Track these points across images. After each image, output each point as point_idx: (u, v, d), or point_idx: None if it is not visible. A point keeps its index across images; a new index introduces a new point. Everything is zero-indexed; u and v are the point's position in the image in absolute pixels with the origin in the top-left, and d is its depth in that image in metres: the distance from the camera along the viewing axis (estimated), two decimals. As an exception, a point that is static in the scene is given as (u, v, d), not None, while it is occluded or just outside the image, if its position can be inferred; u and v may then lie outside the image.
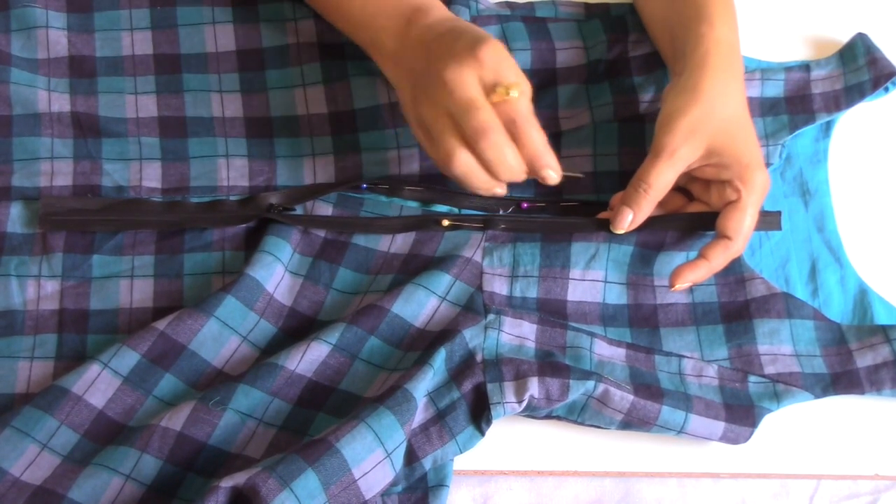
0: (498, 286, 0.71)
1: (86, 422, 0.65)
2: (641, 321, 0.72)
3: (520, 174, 0.66)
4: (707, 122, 0.68)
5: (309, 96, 0.78)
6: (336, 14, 0.75)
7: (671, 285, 0.69)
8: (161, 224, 0.72)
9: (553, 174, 0.66)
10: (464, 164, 0.65)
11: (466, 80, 0.63)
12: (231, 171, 0.76)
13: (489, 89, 0.64)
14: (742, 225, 0.69)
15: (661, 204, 0.71)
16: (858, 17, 0.86)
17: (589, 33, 0.83)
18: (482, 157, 0.64)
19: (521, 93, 0.64)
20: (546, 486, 0.71)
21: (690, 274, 0.69)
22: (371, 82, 0.78)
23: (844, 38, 0.83)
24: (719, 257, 0.69)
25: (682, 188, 0.74)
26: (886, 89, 0.82)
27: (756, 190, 0.69)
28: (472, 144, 0.64)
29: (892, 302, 0.75)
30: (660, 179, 0.68)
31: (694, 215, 0.73)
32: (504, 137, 0.64)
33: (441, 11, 0.70)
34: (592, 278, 0.71)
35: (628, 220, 0.70)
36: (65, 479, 0.62)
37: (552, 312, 0.71)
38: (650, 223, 0.72)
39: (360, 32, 0.72)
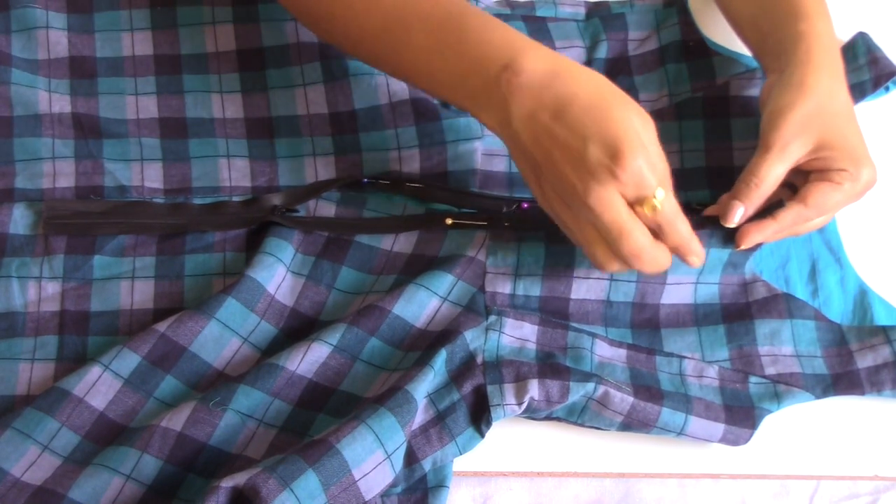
0: (500, 285, 0.71)
1: (87, 424, 0.65)
2: (643, 321, 0.72)
3: (666, 267, 0.64)
4: (817, 117, 0.67)
5: (309, 96, 0.78)
6: (420, 81, 0.68)
7: (737, 245, 0.68)
8: (165, 227, 0.73)
9: (697, 260, 0.64)
10: (616, 269, 0.63)
11: (614, 203, 0.59)
12: (233, 172, 0.76)
13: (634, 202, 0.60)
14: (825, 198, 0.67)
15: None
16: (859, 16, 0.86)
17: (589, 33, 0.83)
18: (636, 268, 0.62)
19: (666, 195, 0.60)
20: (546, 485, 0.71)
21: (757, 234, 0.68)
22: (371, 82, 0.78)
23: (845, 37, 0.83)
24: (787, 219, 0.68)
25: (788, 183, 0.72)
26: (887, 88, 0.82)
27: (860, 182, 0.68)
28: (623, 261, 0.62)
29: (892, 302, 0.75)
30: (770, 173, 0.67)
31: (698, 217, 0.72)
32: (657, 251, 0.62)
33: (529, 64, 0.61)
34: (598, 276, 0.71)
35: (739, 213, 0.68)
36: (65, 479, 0.62)
37: (554, 312, 0.71)
38: None
39: (456, 95, 0.65)
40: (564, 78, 0.61)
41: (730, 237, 0.69)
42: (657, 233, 0.62)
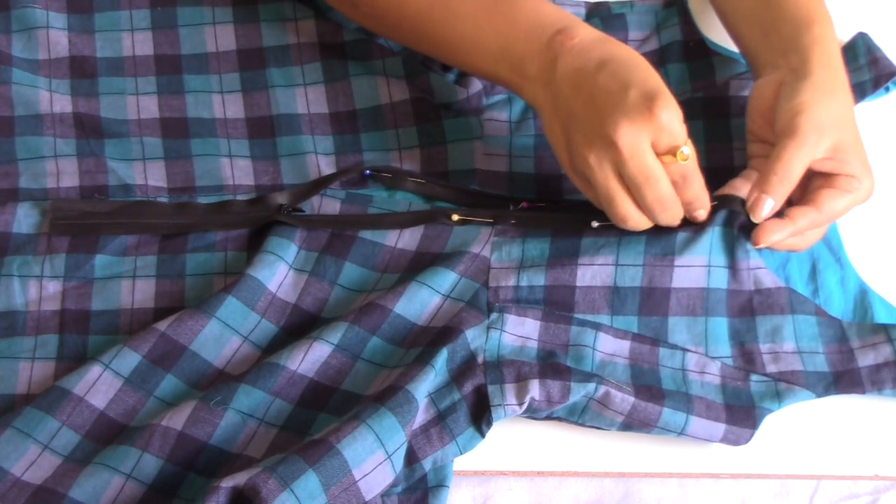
0: (504, 279, 0.71)
1: (87, 423, 0.65)
2: (652, 307, 0.71)
3: (677, 222, 0.68)
4: (839, 119, 0.68)
5: (310, 96, 0.78)
6: (462, 51, 0.71)
7: (754, 243, 0.68)
8: (171, 227, 0.72)
9: (703, 213, 0.68)
10: (636, 224, 0.66)
11: (643, 147, 0.62)
12: (235, 171, 0.76)
13: (663, 151, 0.63)
14: (835, 204, 0.68)
15: None
16: (859, 17, 0.86)
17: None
18: (655, 219, 0.66)
19: (690, 149, 0.64)
20: (546, 486, 0.71)
21: (775, 233, 0.68)
22: (372, 82, 0.78)
23: (845, 37, 0.83)
24: (803, 220, 0.68)
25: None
26: (887, 89, 0.82)
27: (863, 192, 0.69)
28: (646, 209, 0.65)
29: (892, 302, 0.75)
30: (795, 164, 0.66)
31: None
32: (678, 204, 0.66)
33: (584, 31, 0.67)
34: (602, 262, 0.70)
35: (768, 206, 0.67)
36: (65, 478, 0.62)
37: (558, 303, 0.70)
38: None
39: (498, 64, 0.69)
40: (613, 43, 0.67)
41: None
42: (678, 184, 0.65)
